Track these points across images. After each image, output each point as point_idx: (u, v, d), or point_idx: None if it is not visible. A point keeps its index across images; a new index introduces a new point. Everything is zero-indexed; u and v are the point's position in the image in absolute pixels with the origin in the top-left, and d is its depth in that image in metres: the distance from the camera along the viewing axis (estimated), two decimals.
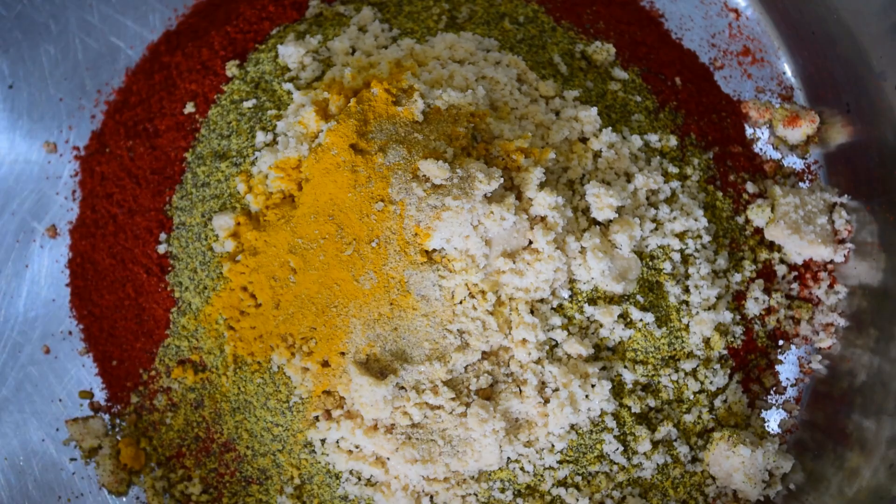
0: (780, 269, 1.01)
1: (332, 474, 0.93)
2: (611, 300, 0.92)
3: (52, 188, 1.04)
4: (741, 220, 1.00)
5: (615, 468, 0.92)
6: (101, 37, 1.06)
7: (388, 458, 0.90)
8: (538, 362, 0.89)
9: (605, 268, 0.90)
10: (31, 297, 1.03)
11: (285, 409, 0.92)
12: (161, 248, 0.99)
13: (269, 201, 0.94)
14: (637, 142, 0.96)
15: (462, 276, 0.88)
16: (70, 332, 1.02)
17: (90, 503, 0.99)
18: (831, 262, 1.01)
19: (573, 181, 0.94)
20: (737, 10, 1.08)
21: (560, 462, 0.91)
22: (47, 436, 1.00)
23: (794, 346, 1.01)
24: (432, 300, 0.89)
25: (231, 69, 1.01)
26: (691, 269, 0.94)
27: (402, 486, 0.90)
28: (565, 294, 0.91)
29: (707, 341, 0.95)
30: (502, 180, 0.89)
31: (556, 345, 0.91)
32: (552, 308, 0.91)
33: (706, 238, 0.96)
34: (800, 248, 1.00)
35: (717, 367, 0.95)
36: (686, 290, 0.94)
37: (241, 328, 0.94)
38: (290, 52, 0.98)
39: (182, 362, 0.97)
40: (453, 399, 0.88)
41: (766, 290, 1.00)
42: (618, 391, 0.91)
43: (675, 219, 0.94)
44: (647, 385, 0.93)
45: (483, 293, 0.89)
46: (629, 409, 0.92)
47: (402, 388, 0.88)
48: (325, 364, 0.91)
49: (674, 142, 0.98)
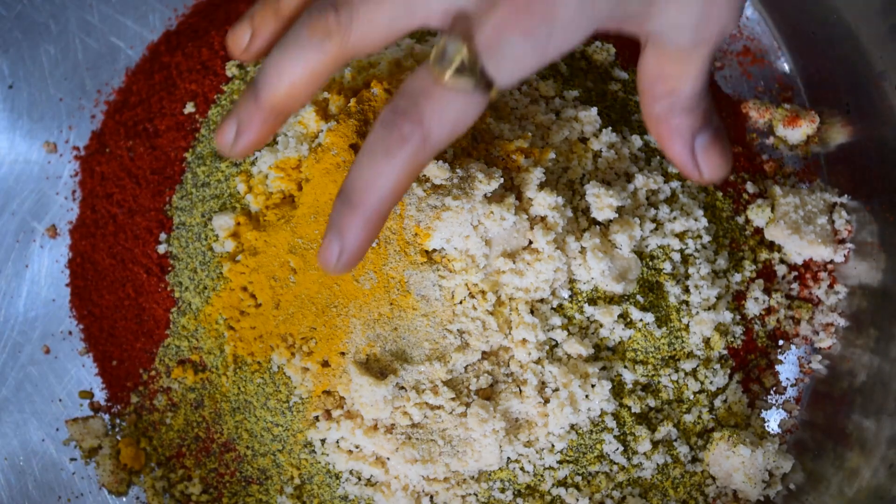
0: (780, 269, 1.01)
1: (332, 474, 0.93)
2: (611, 300, 0.92)
3: (52, 188, 1.04)
4: (741, 220, 1.00)
5: (615, 468, 0.92)
6: (101, 37, 1.06)
7: (388, 458, 0.90)
8: (538, 362, 0.89)
9: (605, 268, 0.90)
10: (31, 297, 1.03)
11: (285, 410, 0.92)
12: (161, 248, 0.99)
13: (269, 201, 0.94)
14: (637, 142, 0.96)
15: (462, 276, 0.88)
16: (70, 332, 1.02)
17: (90, 503, 0.99)
18: (831, 262, 1.01)
19: (573, 181, 0.94)
20: None
21: (560, 462, 0.91)
22: (47, 436, 1.00)
23: (794, 346, 1.01)
24: (432, 300, 0.89)
25: (231, 69, 1.01)
26: (691, 269, 0.94)
27: (402, 486, 0.90)
28: (565, 294, 0.91)
29: (707, 341, 0.95)
30: (502, 180, 0.89)
31: (556, 345, 0.91)
32: (552, 308, 0.91)
33: (706, 238, 0.96)
34: (800, 248, 1.00)
35: (717, 367, 0.95)
36: (686, 290, 0.94)
37: (241, 328, 0.94)
38: None
39: (182, 362, 0.97)
40: (453, 399, 0.88)
41: (766, 290, 1.00)
42: (618, 391, 0.91)
43: (675, 219, 0.94)
44: (647, 385, 0.93)
45: (483, 293, 0.89)
46: (629, 409, 0.92)
47: (402, 388, 0.88)
48: (325, 364, 0.91)
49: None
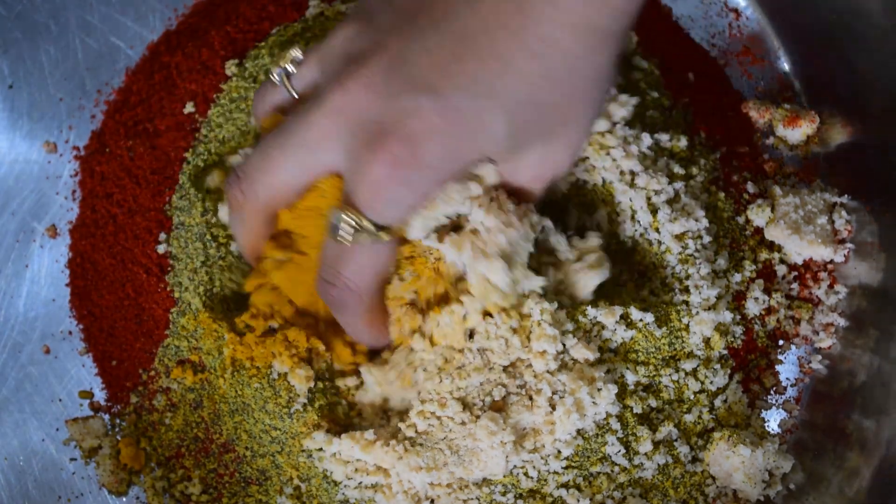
0: (780, 270, 1.01)
1: (331, 480, 0.92)
2: (612, 301, 0.92)
3: (52, 188, 1.04)
4: (741, 220, 1.00)
5: (616, 469, 0.92)
6: (101, 37, 1.06)
7: (392, 467, 0.89)
8: (552, 373, 0.88)
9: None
10: (31, 297, 1.03)
11: (284, 415, 0.91)
12: (161, 249, 0.99)
13: None
14: (647, 140, 0.95)
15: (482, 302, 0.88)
16: (70, 332, 1.02)
17: (90, 503, 0.99)
18: (831, 262, 1.01)
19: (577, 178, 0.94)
20: (737, 10, 1.08)
21: (566, 468, 0.90)
22: (47, 436, 1.00)
23: (794, 346, 1.01)
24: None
25: (231, 68, 1.01)
26: (691, 270, 0.94)
27: (404, 490, 0.90)
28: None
29: (707, 341, 0.94)
30: None
31: (564, 351, 0.89)
32: (565, 315, 0.90)
33: (707, 238, 0.95)
34: (800, 248, 1.00)
35: (718, 367, 0.95)
36: (686, 290, 0.94)
37: (246, 338, 0.93)
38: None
39: (181, 362, 0.97)
40: (462, 411, 0.87)
41: (766, 290, 1.00)
42: (620, 393, 0.91)
43: (675, 220, 0.94)
44: (648, 385, 0.93)
45: (507, 311, 0.88)
46: (631, 409, 0.91)
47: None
48: (328, 378, 0.91)
49: (684, 142, 0.97)
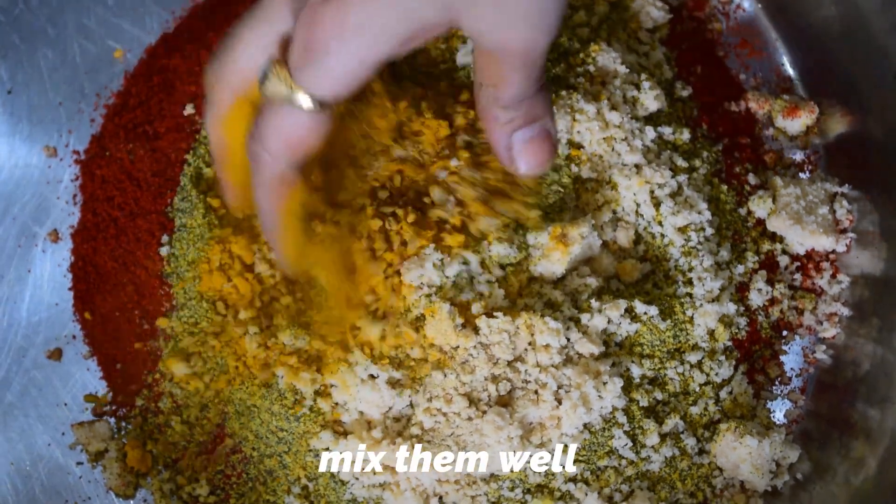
0: (783, 260, 1.01)
1: (338, 480, 0.92)
2: (616, 294, 0.92)
3: (52, 192, 1.04)
4: (743, 211, 1.00)
5: (623, 462, 0.92)
6: (99, 40, 1.06)
7: (399, 465, 0.89)
8: (557, 367, 0.88)
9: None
10: (35, 302, 1.02)
11: (290, 416, 0.91)
12: (163, 251, 0.99)
13: None
14: (650, 133, 0.95)
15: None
16: (74, 336, 1.02)
17: None
18: (833, 251, 1.01)
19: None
20: (735, 2, 1.08)
21: (573, 462, 0.90)
22: (53, 440, 0.99)
23: (797, 337, 1.01)
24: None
25: None
26: (694, 262, 0.94)
27: (412, 487, 0.90)
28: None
29: (712, 333, 0.94)
30: None
31: (568, 345, 0.90)
32: (569, 307, 0.90)
33: (709, 231, 0.95)
34: (802, 238, 1.00)
35: (723, 358, 0.95)
36: (689, 283, 0.94)
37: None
38: None
39: (186, 364, 0.97)
40: (468, 407, 0.88)
41: (769, 281, 1.00)
42: (626, 386, 0.91)
43: (678, 212, 0.94)
44: (653, 378, 0.93)
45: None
46: (637, 402, 0.91)
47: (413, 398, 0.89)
48: (330, 386, 0.91)
49: (686, 135, 0.98)
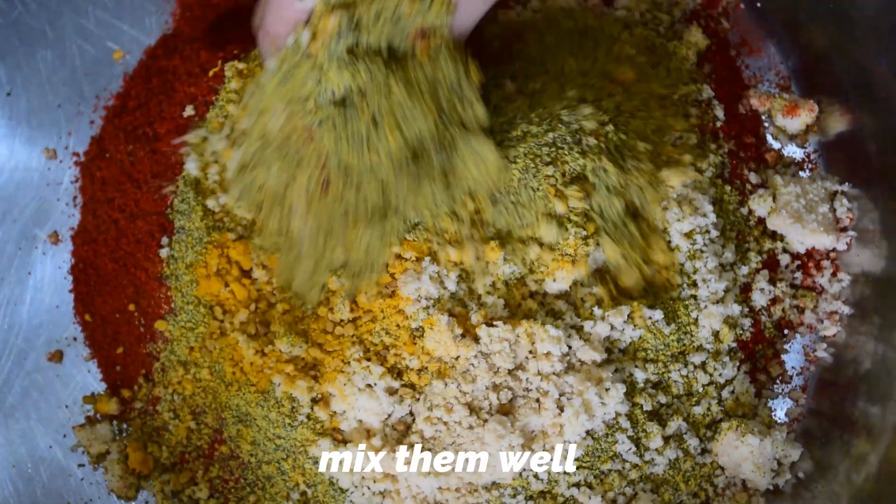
0: (784, 259, 1.01)
1: (337, 487, 0.92)
2: (618, 300, 0.92)
3: (52, 194, 1.04)
4: (744, 210, 1.00)
5: (627, 466, 0.91)
6: (98, 42, 1.06)
7: (400, 473, 0.89)
8: (559, 374, 0.88)
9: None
10: (35, 304, 1.02)
11: (287, 424, 0.91)
12: (163, 252, 0.99)
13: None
14: None
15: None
16: (75, 338, 1.02)
17: None
18: (833, 250, 1.01)
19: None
20: (734, 1, 1.08)
21: (577, 468, 0.90)
22: (55, 442, 0.99)
23: (798, 335, 1.01)
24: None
25: (229, 70, 1.01)
26: (699, 264, 0.94)
27: (413, 495, 0.89)
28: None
29: (716, 335, 0.94)
30: None
31: (570, 353, 0.89)
32: (571, 315, 0.90)
33: (714, 233, 0.95)
34: (802, 236, 1.00)
35: (727, 359, 0.95)
36: (694, 285, 0.94)
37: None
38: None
39: (182, 369, 0.97)
40: (469, 415, 0.87)
41: (771, 280, 1.00)
42: (629, 391, 0.91)
43: (683, 218, 0.93)
44: (657, 382, 0.92)
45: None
46: (641, 406, 0.91)
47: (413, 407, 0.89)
48: (329, 395, 0.91)
49: (693, 140, 0.98)
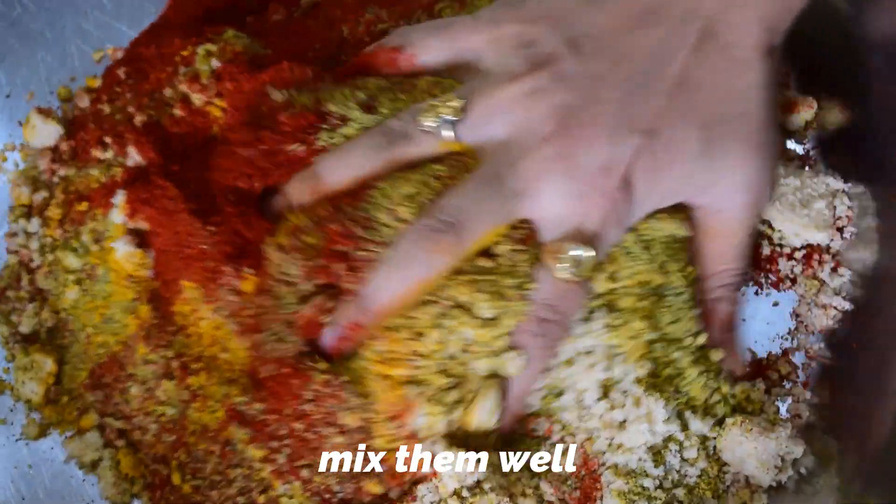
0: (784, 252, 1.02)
1: None
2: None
3: None
4: None
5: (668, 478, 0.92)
6: (98, 43, 1.06)
7: None
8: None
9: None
10: None
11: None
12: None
13: None
14: None
15: None
16: None
17: None
18: (830, 246, 1.02)
19: None
20: None
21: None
22: (55, 443, 0.99)
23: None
24: None
25: (201, 51, 1.00)
26: None
27: None
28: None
29: None
30: None
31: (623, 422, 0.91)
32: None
33: None
34: (797, 231, 1.00)
35: None
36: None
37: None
38: None
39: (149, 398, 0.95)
40: None
41: None
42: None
43: None
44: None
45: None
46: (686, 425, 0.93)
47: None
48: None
49: None
